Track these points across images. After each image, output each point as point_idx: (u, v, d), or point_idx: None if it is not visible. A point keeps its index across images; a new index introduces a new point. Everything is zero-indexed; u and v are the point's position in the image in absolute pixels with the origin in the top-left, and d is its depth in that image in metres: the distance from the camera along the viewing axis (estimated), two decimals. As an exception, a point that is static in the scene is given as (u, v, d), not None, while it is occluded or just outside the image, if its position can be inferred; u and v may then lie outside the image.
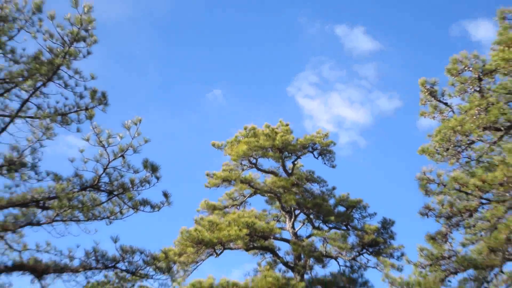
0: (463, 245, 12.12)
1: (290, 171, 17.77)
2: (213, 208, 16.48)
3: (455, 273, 11.98)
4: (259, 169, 17.30)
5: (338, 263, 16.38)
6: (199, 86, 40.44)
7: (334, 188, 18.36)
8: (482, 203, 11.47)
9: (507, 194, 10.98)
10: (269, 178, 17.41)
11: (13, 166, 10.55)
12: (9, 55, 10.25)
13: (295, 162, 17.84)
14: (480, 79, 10.76)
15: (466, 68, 10.75)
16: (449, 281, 12.06)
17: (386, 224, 16.07)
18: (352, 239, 15.34)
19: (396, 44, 41.32)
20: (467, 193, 11.18)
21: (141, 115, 9.63)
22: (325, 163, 18.26)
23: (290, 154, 17.19)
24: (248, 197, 17.65)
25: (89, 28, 10.12)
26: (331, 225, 16.45)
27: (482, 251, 11.40)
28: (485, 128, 11.00)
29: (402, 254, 15.50)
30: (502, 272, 11.96)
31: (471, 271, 12.03)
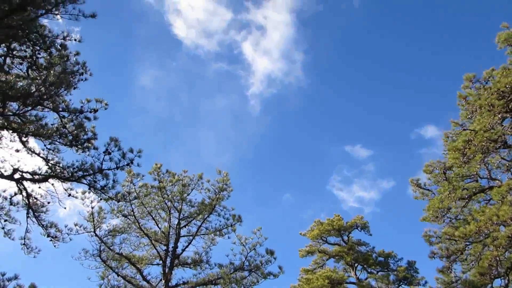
0: (463, 272, 17.96)
1: (346, 242, 25.34)
2: (306, 271, 23.94)
3: (462, 291, 17.75)
4: (328, 243, 25.25)
5: (386, 293, 23.06)
6: (277, 193, 64.99)
7: (374, 247, 26.04)
8: (467, 245, 17.57)
9: (481, 237, 17.26)
10: (335, 247, 25.28)
11: (196, 262, 18.85)
12: (189, 204, 19.06)
13: (348, 236, 25.50)
14: (444, 173, 18.10)
15: (435, 168, 18.20)
16: (460, 297, 17.86)
17: (411, 264, 22.88)
18: (392, 277, 22.29)
19: (381, 150, 65.96)
20: (455, 240, 17.59)
21: (250, 213, 18.02)
22: (365, 233, 26.26)
23: (344, 232, 24.89)
24: (326, 260, 25.17)
25: (227, 183, 18.80)
26: (377, 270, 23.45)
27: (475, 275, 17.30)
28: (455, 200, 17.79)
29: (426, 282, 22.29)
30: (492, 287, 17.70)
31: (472, 289, 17.78)
